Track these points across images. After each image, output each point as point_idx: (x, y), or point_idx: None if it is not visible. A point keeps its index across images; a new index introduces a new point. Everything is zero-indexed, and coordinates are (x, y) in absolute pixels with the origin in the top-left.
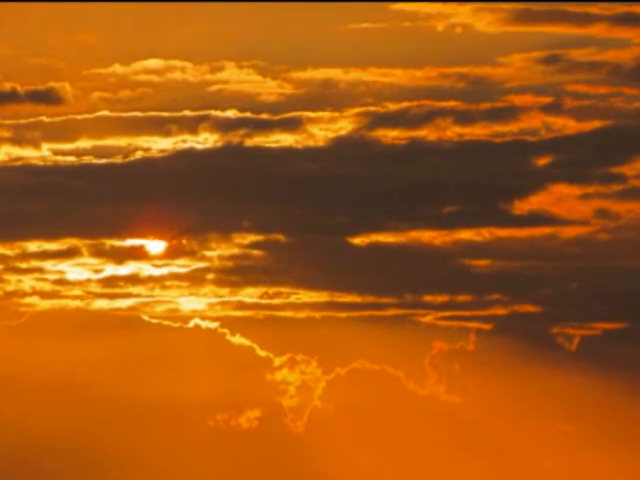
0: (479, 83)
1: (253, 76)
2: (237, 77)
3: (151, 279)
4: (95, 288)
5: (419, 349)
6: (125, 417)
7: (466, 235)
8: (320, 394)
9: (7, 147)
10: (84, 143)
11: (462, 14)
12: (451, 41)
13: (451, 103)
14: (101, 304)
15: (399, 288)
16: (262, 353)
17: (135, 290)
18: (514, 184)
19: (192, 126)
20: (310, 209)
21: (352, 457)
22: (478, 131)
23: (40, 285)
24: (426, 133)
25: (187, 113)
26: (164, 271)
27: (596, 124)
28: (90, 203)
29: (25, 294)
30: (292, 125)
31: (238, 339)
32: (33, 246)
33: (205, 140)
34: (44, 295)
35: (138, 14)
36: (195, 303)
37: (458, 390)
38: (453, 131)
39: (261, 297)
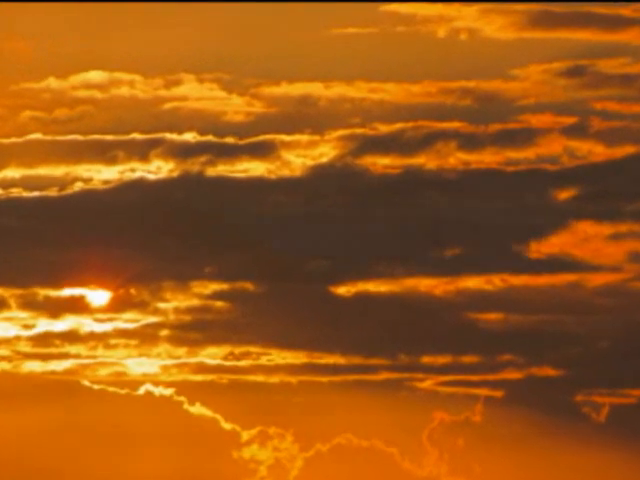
0: (488, 100)
1: (216, 92)
2: (197, 93)
3: (93, 336)
4: (25, 347)
5: (416, 421)
6: None
7: (473, 283)
8: (297, 475)
9: None
10: (12, 172)
11: (467, 17)
12: (454, 50)
13: (454, 124)
14: (33, 366)
15: (392, 347)
16: (227, 425)
17: (74, 349)
18: (530, 222)
19: (142, 152)
20: (284, 252)
21: None
22: (487, 158)
23: None
24: (424, 160)
25: (136, 136)
26: (108, 327)
27: (629, 150)
28: (19, 245)
29: None
30: (263, 151)
31: (198, 409)
32: None
33: (158, 169)
34: None
35: (78, 18)
36: (146, 365)
37: (463, 470)
38: (457, 158)
39: (225, 358)
